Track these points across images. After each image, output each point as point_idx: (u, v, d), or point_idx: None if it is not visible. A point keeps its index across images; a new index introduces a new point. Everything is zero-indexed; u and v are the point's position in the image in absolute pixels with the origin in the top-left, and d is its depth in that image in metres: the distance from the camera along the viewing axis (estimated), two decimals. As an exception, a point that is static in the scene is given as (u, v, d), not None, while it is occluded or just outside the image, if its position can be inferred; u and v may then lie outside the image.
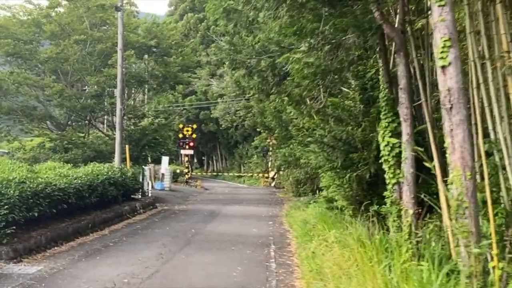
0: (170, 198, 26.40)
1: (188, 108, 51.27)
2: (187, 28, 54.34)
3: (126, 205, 17.53)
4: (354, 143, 13.03)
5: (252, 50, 15.20)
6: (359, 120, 13.21)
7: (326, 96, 11.06)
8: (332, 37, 8.23)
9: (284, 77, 15.62)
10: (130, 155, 23.56)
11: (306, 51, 8.36)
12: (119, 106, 18.53)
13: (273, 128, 27.82)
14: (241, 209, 21.41)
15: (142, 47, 23.31)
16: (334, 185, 14.20)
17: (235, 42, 15.26)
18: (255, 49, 15.19)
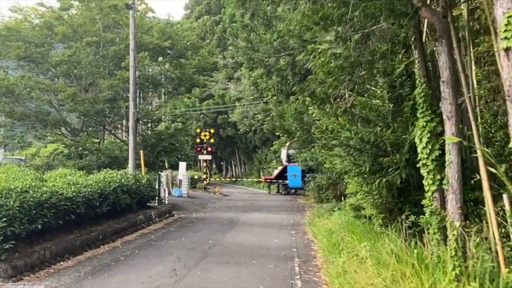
0: (188, 205, 25.62)
1: (206, 112, 50.51)
2: (203, 31, 53.70)
3: (141, 213, 16.75)
4: (383, 146, 12.06)
5: (270, 48, 14.31)
6: (388, 121, 12.26)
7: (354, 94, 10.06)
8: (362, 25, 7.28)
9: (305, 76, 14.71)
10: (146, 161, 22.84)
11: (333, 41, 7.42)
12: (132, 110, 17.77)
13: (293, 131, 26.90)
14: (261, 217, 20.49)
15: (156, 49, 22.56)
16: (361, 192, 13.22)
17: (252, 39, 14.42)
18: (274, 46, 14.30)
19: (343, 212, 17.13)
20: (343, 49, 7.29)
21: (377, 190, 12.15)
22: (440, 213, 8.22)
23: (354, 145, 12.26)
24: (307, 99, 13.76)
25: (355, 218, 13.89)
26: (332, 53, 7.47)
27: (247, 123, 45.82)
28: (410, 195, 12.29)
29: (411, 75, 12.74)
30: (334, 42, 7.47)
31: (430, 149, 8.27)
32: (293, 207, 26.24)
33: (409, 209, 12.01)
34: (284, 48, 14.26)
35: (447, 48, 7.16)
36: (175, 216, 20.09)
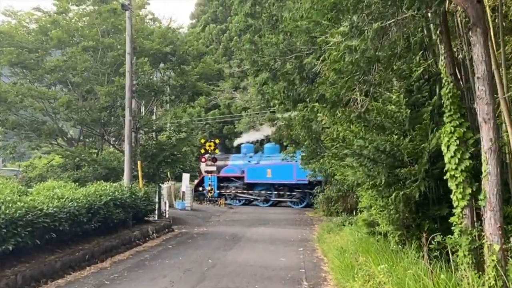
0: (190, 219, 24.56)
1: (211, 122, 49.58)
2: (209, 40, 52.86)
3: (137, 229, 15.70)
4: (400, 156, 11.02)
5: (276, 50, 13.32)
6: (405, 128, 11.20)
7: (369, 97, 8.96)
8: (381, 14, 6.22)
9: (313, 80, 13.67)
10: (146, 173, 21.83)
11: (347, 33, 6.36)
12: (128, 117, 16.75)
13: (300, 141, 25.81)
14: (267, 232, 19.36)
15: (157, 54, 21.60)
16: (376, 206, 12.09)
17: (256, 41, 13.42)
18: (280, 49, 13.30)
19: (355, 227, 16.01)
20: (359, 41, 6.22)
21: (393, 205, 11.08)
22: (472, 233, 7.10)
23: (368, 154, 11.23)
24: (316, 105, 12.68)
25: (368, 234, 12.77)
26: (346, 46, 6.41)
27: (254, 134, 44.79)
28: (429, 210, 11.27)
29: (430, 79, 11.72)
30: (348, 34, 6.39)
31: (459, 158, 7.17)
32: (301, 220, 25.09)
33: (428, 225, 10.98)
34: (291, 50, 13.28)
35: (483, 38, 6.09)
36: (175, 231, 19.01)
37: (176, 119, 23.29)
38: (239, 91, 48.62)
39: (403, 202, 10.94)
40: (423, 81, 11.38)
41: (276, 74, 13.92)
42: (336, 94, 8.33)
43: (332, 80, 8.31)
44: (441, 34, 7.56)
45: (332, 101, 8.59)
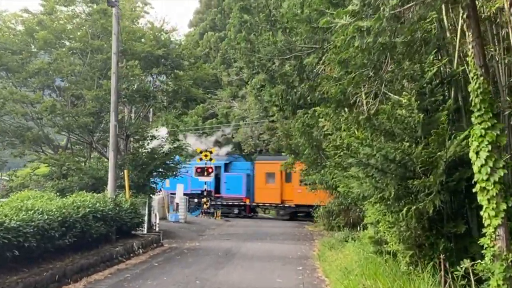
0: (183, 232, 23.28)
1: (208, 132, 48.38)
2: (207, 47, 51.81)
3: (120, 244, 14.47)
4: (412, 166, 9.82)
5: (274, 49, 12.13)
6: (417, 135, 10.02)
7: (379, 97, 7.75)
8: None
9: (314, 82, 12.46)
10: (135, 183, 20.62)
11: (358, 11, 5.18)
12: (113, 122, 15.55)
13: (300, 151, 24.61)
14: (264, 247, 18.10)
15: (149, 58, 20.43)
16: (384, 222, 10.85)
17: (252, 39, 12.25)
18: (278, 48, 12.12)
19: (359, 244, 14.78)
20: (372, 21, 5.03)
21: (404, 221, 9.86)
22: (507, 258, 5.86)
23: (376, 164, 10.05)
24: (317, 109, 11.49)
25: (375, 254, 11.50)
26: (356, 27, 5.21)
27: (252, 144, 43.55)
28: (444, 227, 10.02)
29: (443, 81, 10.58)
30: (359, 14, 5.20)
31: (492, 167, 5.98)
32: (300, 235, 23.83)
33: (444, 244, 9.76)
34: (290, 50, 12.11)
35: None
36: (164, 246, 17.73)
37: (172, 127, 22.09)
38: (237, 100, 47.50)
39: (416, 218, 9.75)
40: (436, 83, 10.25)
41: (274, 76, 12.76)
42: (341, 92, 7.15)
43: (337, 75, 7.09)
44: (468, 18, 6.36)
45: (337, 100, 7.42)
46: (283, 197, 33.20)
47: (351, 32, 5.33)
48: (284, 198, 33.18)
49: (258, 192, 34.12)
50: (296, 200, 32.29)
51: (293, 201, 32.66)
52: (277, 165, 32.11)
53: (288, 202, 33.00)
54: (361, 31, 5.21)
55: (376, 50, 5.72)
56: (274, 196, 33.18)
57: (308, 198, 29.77)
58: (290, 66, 11.98)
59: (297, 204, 32.36)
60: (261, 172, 34.33)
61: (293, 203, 32.65)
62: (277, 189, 33.19)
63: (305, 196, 29.97)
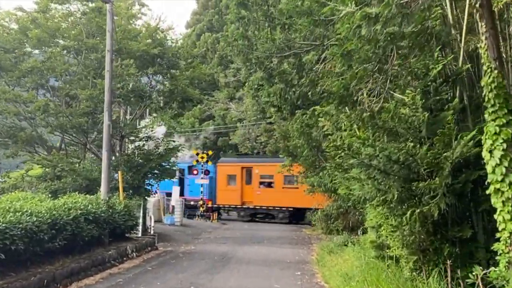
0: (178, 235, 22.87)
1: (205, 134, 47.97)
2: (204, 49, 51.40)
3: (113, 247, 14.07)
4: (416, 167, 9.43)
5: (272, 46, 11.73)
6: (421, 135, 9.63)
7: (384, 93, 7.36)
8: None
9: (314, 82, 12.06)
10: (130, 184, 20.21)
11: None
12: (107, 122, 15.12)
13: (298, 153, 24.20)
14: (261, 251, 17.69)
15: (144, 57, 20.00)
16: (386, 226, 10.47)
17: (249, 36, 11.86)
18: (276, 45, 11.72)
19: (359, 249, 14.40)
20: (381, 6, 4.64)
21: (408, 225, 9.46)
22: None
23: (378, 165, 9.65)
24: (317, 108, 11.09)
25: (377, 259, 11.10)
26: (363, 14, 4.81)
27: (249, 146, 43.15)
28: (448, 231, 9.64)
29: (448, 79, 10.21)
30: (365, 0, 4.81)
31: (507, 167, 5.56)
32: (298, 239, 23.41)
33: (449, 249, 9.39)
34: (289, 47, 11.70)
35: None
36: (159, 250, 17.31)
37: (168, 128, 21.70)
38: (234, 101, 47.12)
39: (420, 221, 9.37)
40: (441, 81, 9.87)
41: (272, 74, 12.36)
42: (344, 87, 6.75)
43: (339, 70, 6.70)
44: (481, 8, 5.98)
45: (339, 96, 6.98)
46: (243, 199, 33.41)
47: (358, 19, 4.95)
48: (244, 200, 33.39)
49: (220, 194, 34.34)
50: (256, 202, 32.61)
51: (252, 203, 32.90)
52: (238, 167, 33.31)
53: (248, 204, 33.18)
54: (369, 19, 4.84)
55: (384, 40, 5.33)
56: (235, 198, 33.42)
57: (267, 200, 31.65)
58: (289, 64, 11.60)
59: (256, 206, 32.66)
60: (223, 174, 34.54)
61: (253, 205, 32.87)
62: (238, 191, 33.41)
63: (264, 198, 31.69)
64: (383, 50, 5.96)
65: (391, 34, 5.30)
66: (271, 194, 31.84)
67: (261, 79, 12.70)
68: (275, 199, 31.47)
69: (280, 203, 31.46)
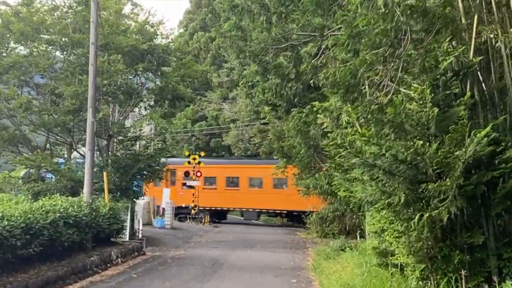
0: (168, 239, 22.02)
1: (198, 135, 47.12)
2: (197, 48, 50.55)
3: (97, 253, 13.20)
4: (424, 167, 8.65)
5: (267, 37, 10.93)
6: (430, 132, 8.83)
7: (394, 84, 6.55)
8: None
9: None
10: (118, 186, 19.35)
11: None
12: (91, 119, 14.23)
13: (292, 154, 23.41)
14: (254, 256, 16.88)
15: (133, 52, 19.13)
16: (390, 231, 9.66)
17: (243, 26, 11.04)
18: (272, 36, 10.91)
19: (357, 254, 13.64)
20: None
21: (416, 230, 8.67)
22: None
23: (383, 165, 8.86)
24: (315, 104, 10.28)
25: (379, 266, 10.30)
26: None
27: (242, 147, 42.30)
28: (457, 237, 8.82)
29: (459, 72, 9.47)
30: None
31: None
32: (292, 242, 22.60)
33: (459, 257, 8.66)
34: (286, 38, 10.90)
35: None
36: (146, 255, 16.43)
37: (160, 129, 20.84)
38: (227, 102, 46.28)
39: (428, 227, 8.59)
40: (451, 75, 9.10)
41: (267, 68, 11.55)
42: (352, 74, 5.93)
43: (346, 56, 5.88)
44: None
45: (345, 85, 6.16)
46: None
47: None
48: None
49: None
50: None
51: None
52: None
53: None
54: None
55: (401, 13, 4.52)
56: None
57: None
58: (285, 57, 10.80)
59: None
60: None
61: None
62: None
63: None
64: (395, 33, 5.15)
65: (411, 7, 4.51)
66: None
67: (256, 73, 11.88)
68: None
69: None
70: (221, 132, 46.09)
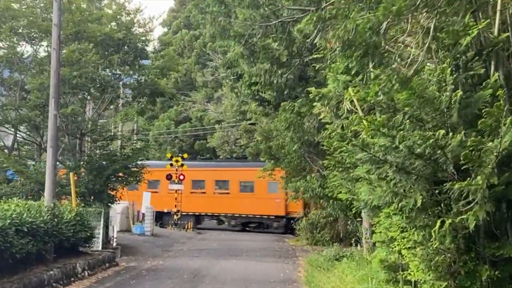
0: (147, 247, 20.39)
1: (181, 137, 45.47)
2: (181, 46, 48.95)
3: (58, 265, 11.57)
4: (445, 163, 7.19)
5: (254, 13, 9.37)
6: (452, 120, 7.39)
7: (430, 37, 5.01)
8: None
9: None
10: (91, 189, 17.69)
11: None
12: (53, 112, 12.53)
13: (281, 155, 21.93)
14: (240, 267, 15.34)
15: (107, 42, 17.48)
16: (404, 241, 8.13)
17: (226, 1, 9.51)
18: (259, 12, 9.35)
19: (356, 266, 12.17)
20: None
21: (437, 240, 7.17)
22: None
23: (395, 161, 7.37)
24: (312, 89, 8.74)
25: (388, 283, 8.74)
26: None
27: (228, 149, 40.68)
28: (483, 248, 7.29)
29: (482, 51, 8.04)
30: None
31: None
32: (281, 250, 21.04)
33: (487, 272, 7.22)
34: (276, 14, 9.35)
35: None
36: (119, 266, 14.79)
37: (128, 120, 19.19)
38: (212, 102, 44.67)
39: (451, 236, 7.11)
40: (473, 54, 7.64)
41: (254, 50, 10.01)
42: (372, 30, 4.39)
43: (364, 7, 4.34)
44: None
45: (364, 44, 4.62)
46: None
47: None
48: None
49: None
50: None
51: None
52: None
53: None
54: None
55: None
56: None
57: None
58: (276, 37, 9.28)
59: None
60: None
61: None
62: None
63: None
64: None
65: None
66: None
67: (241, 56, 10.29)
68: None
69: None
70: (206, 134, 44.48)
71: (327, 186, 16.00)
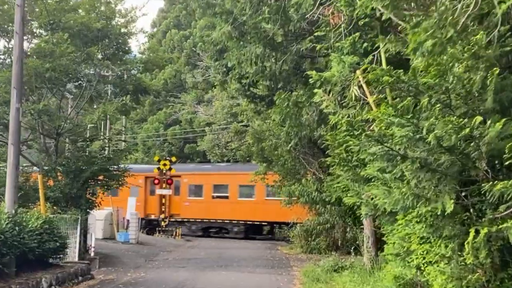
0: (129, 256, 18.89)
1: (171, 140, 44.03)
2: (170, 46, 47.58)
3: (20, 281, 10.07)
4: (479, 158, 5.91)
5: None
6: (485, 106, 6.12)
7: None
8: None
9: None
10: (67, 194, 16.25)
11: None
12: (16, 105, 11.03)
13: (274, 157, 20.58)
14: (228, 280, 13.88)
15: (84, 33, 16.03)
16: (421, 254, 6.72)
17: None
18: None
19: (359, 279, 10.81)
20: None
21: (472, 253, 5.84)
22: None
23: (419, 156, 6.03)
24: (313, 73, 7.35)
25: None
26: None
27: (218, 153, 39.25)
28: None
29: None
30: None
31: None
32: (274, 260, 19.55)
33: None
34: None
35: None
36: (94, 279, 13.26)
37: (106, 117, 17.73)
38: (202, 104, 43.26)
39: (487, 249, 5.79)
40: (507, 28, 6.40)
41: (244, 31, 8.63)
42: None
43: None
44: None
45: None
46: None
47: None
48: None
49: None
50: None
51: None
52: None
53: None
54: None
55: None
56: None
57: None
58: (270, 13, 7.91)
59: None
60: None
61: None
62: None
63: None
64: None
65: None
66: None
67: (229, 37, 8.88)
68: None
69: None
70: (196, 137, 43.03)
71: (324, 190, 14.59)
